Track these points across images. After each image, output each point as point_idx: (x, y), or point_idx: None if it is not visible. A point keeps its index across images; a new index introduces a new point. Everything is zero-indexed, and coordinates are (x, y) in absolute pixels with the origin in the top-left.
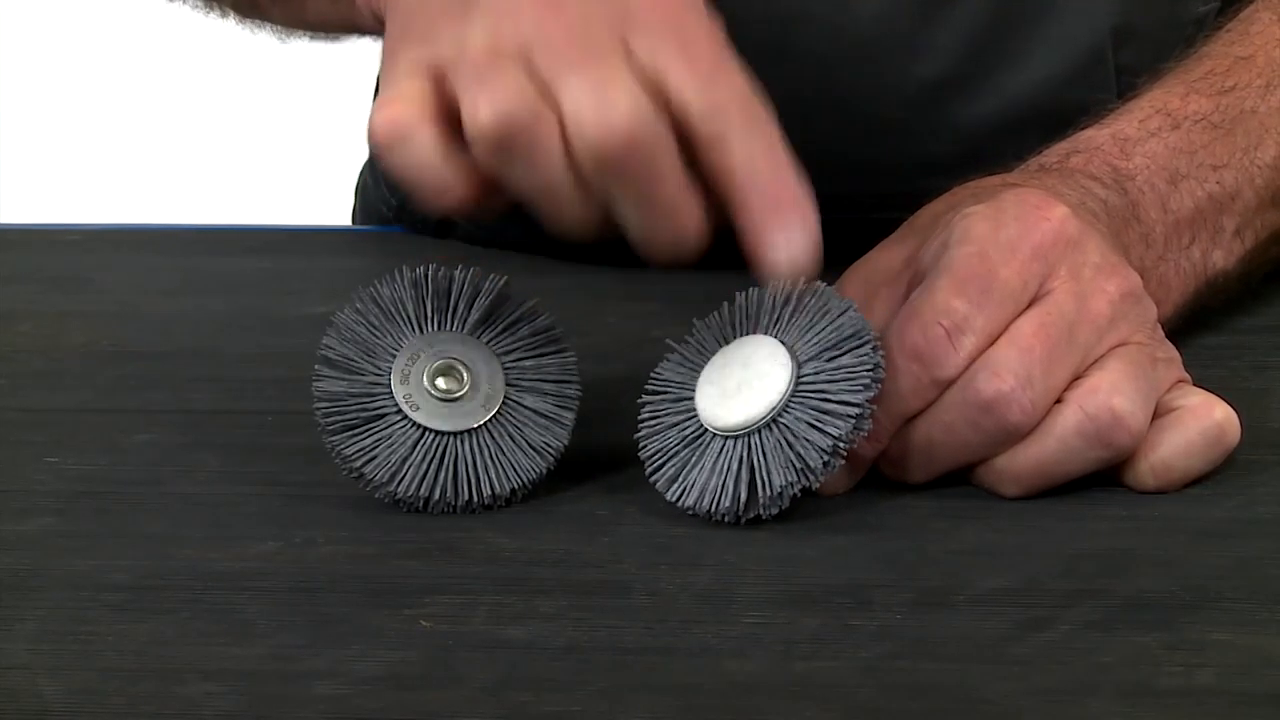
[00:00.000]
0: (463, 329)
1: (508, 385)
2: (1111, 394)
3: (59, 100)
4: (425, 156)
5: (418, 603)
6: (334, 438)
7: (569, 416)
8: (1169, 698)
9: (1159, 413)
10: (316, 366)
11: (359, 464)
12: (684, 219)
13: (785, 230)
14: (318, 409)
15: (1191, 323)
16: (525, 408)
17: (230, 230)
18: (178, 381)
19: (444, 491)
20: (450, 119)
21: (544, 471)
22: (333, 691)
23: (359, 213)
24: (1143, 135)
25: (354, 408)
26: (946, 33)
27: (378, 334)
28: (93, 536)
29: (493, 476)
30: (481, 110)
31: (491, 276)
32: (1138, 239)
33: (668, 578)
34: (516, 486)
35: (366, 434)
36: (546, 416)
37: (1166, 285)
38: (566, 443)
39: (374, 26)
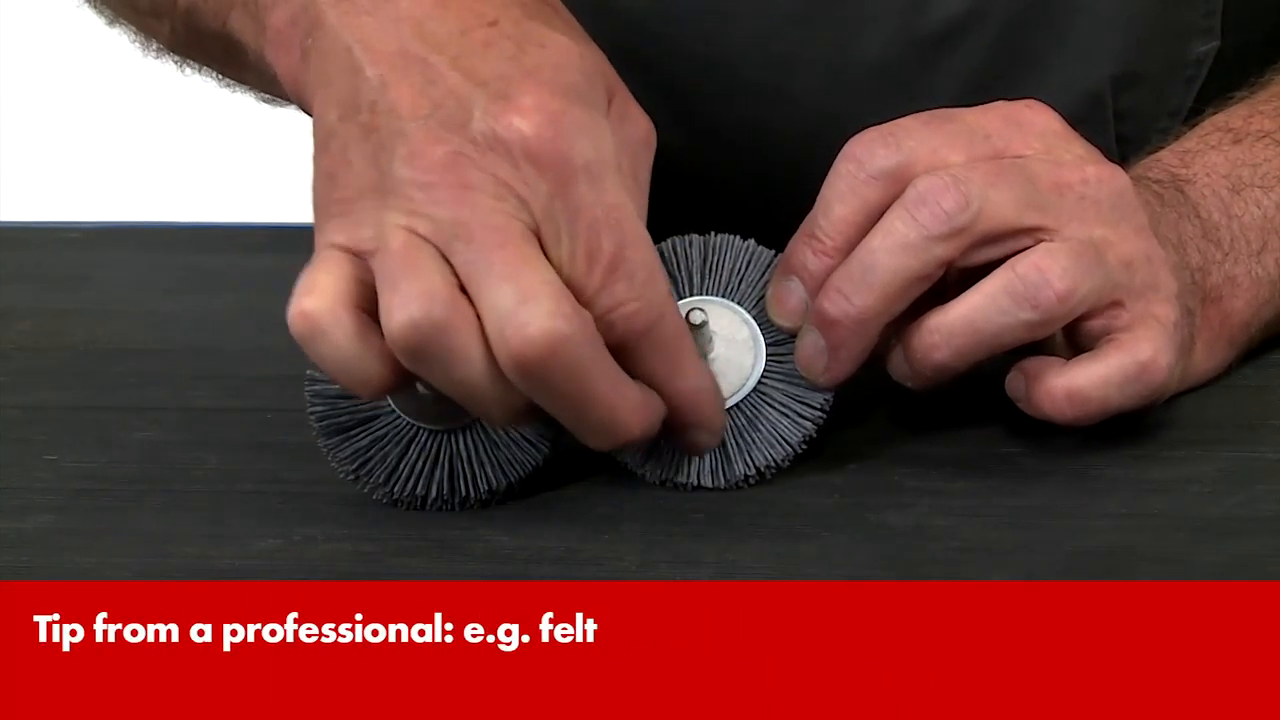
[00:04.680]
0: None
1: None
2: (1044, 257)
3: (59, 98)
4: (342, 349)
5: None
6: (328, 441)
7: None
8: None
9: (1099, 343)
10: (308, 371)
11: (354, 466)
12: (620, 414)
13: (695, 440)
14: (311, 413)
15: None
16: None
17: (230, 228)
18: (177, 379)
19: (440, 489)
20: (372, 304)
21: (539, 463)
22: None
23: None
24: (1202, 148)
25: (347, 410)
26: (946, 77)
27: None
28: (92, 534)
29: (488, 471)
30: (396, 315)
31: None
32: (1197, 234)
33: (668, 576)
34: (513, 480)
35: (360, 436)
36: None
37: (1235, 283)
38: (561, 432)
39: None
